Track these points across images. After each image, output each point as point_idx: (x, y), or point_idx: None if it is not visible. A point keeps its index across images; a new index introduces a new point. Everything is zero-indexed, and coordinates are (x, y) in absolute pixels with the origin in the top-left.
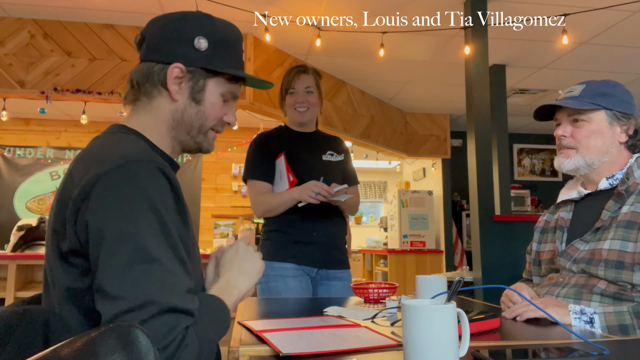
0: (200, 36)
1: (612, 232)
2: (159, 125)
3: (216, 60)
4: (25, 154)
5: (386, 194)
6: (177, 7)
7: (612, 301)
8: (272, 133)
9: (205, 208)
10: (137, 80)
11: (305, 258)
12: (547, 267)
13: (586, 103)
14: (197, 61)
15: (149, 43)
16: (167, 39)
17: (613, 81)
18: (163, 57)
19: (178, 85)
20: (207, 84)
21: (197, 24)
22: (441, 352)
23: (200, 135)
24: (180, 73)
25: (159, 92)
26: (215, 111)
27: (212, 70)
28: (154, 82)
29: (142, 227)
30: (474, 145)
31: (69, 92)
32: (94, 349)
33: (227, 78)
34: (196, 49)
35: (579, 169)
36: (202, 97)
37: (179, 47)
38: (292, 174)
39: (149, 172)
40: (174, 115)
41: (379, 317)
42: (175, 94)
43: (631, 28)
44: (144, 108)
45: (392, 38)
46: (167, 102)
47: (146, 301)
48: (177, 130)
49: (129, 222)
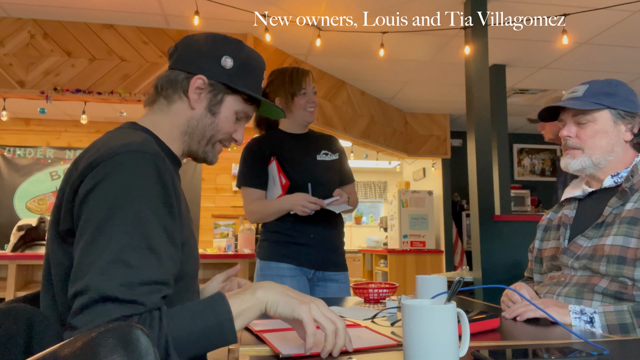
0: (228, 56)
1: (615, 228)
2: (172, 128)
3: (237, 80)
4: (25, 154)
5: (386, 194)
6: (177, 7)
7: (614, 300)
8: (265, 137)
9: (205, 208)
10: (161, 84)
11: (302, 259)
12: (549, 265)
13: (590, 103)
14: (220, 77)
15: (180, 54)
16: (197, 52)
17: (616, 80)
18: (190, 68)
19: (198, 95)
20: (224, 99)
21: (227, 45)
22: (441, 352)
23: (209, 145)
24: (202, 84)
25: (180, 98)
26: (227, 126)
27: (232, 88)
28: (177, 88)
29: (116, 214)
30: (474, 145)
31: (69, 92)
32: (94, 349)
33: (244, 99)
34: (222, 66)
35: (586, 168)
36: (218, 110)
37: (207, 62)
38: (284, 177)
39: (139, 161)
40: (190, 122)
41: (379, 317)
42: (194, 103)
43: (631, 28)
44: (162, 110)
45: (392, 38)
46: (185, 108)
47: (86, 287)
48: (190, 137)
49: (105, 208)
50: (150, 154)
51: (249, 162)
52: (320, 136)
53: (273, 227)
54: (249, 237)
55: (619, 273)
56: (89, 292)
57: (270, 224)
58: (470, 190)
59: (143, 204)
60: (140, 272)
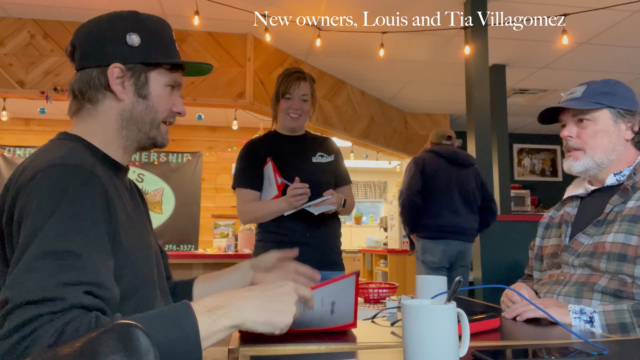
0: (131, 32)
1: (616, 225)
2: (105, 129)
3: (152, 53)
4: (25, 154)
5: (386, 194)
6: (177, 7)
7: (613, 299)
8: (261, 139)
9: (205, 208)
10: (78, 89)
11: (298, 259)
12: (549, 262)
13: (589, 103)
14: (134, 57)
15: (81, 51)
16: (98, 41)
17: (614, 80)
18: (99, 60)
19: (121, 85)
20: (149, 78)
21: (123, 22)
22: (441, 352)
23: (153, 129)
24: (120, 72)
25: (104, 96)
26: (163, 103)
27: (151, 63)
28: (97, 87)
29: (45, 226)
30: (474, 145)
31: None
32: (94, 349)
33: (167, 68)
34: (130, 46)
35: (589, 170)
36: (147, 91)
37: (112, 47)
38: (280, 176)
39: (68, 173)
40: (123, 115)
41: (379, 317)
42: (121, 94)
43: (631, 28)
44: (90, 115)
45: (392, 38)
46: (113, 104)
47: (5, 298)
48: (128, 130)
49: (33, 222)
50: (73, 165)
51: (245, 163)
52: (316, 138)
53: (270, 227)
54: (249, 237)
55: (619, 270)
56: (9, 303)
57: (268, 224)
58: None
59: (63, 214)
60: (62, 276)
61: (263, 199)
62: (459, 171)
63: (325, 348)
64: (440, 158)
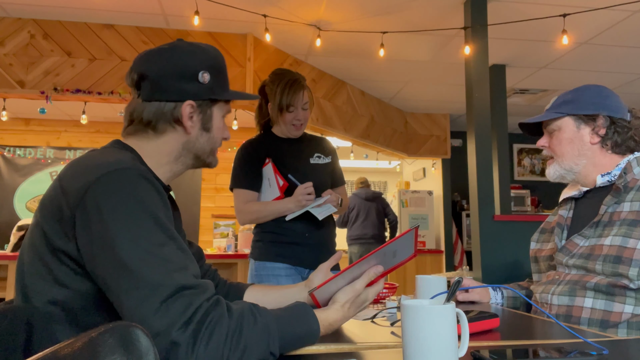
0: (203, 70)
1: (615, 229)
2: (162, 156)
3: (217, 89)
4: (25, 154)
5: (386, 194)
6: (177, 7)
7: (605, 296)
8: (258, 140)
9: (205, 208)
10: (147, 119)
11: (297, 259)
12: (547, 264)
13: (552, 113)
14: (203, 94)
15: (154, 83)
16: (173, 78)
17: (587, 85)
18: (172, 96)
19: (191, 120)
20: (213, 112)
21: (196, 59)
22: (440, 352)
23: (210, 156)
24: (191, 109)
25: (172, 128)
26: (220, 133)
27: (217, 99)
28: (167, 120)
29: (144, 226)
30: (474, 145)
31: (69, 92)
32: (94, 349)
33: (224, 100)
34: (200, 83)
35: (563, 176)
36: (211, 124)
37: (186, 84)
38: (282, 178)
39: (136, 177)
40: (185, 146)
41: (378, 317)
42: (190, 129)
43: (631, 28)
44: (149, 140)
45: (392, 38)
46: (179, 136)
47: (158, 284)
48: (185, 157)
49: (133, 225)
50: (140, 172)
51: (243, 164)
52: (313, 139)
53: (268, 227)
54: (248, 237)
55: (614, 272)
56: (163, 287)
57: (265, 224)
58: (470, 190)
59: (156, 214)
60: (192, 268)
61: (262, 199)
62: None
63: (325, 348)
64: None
